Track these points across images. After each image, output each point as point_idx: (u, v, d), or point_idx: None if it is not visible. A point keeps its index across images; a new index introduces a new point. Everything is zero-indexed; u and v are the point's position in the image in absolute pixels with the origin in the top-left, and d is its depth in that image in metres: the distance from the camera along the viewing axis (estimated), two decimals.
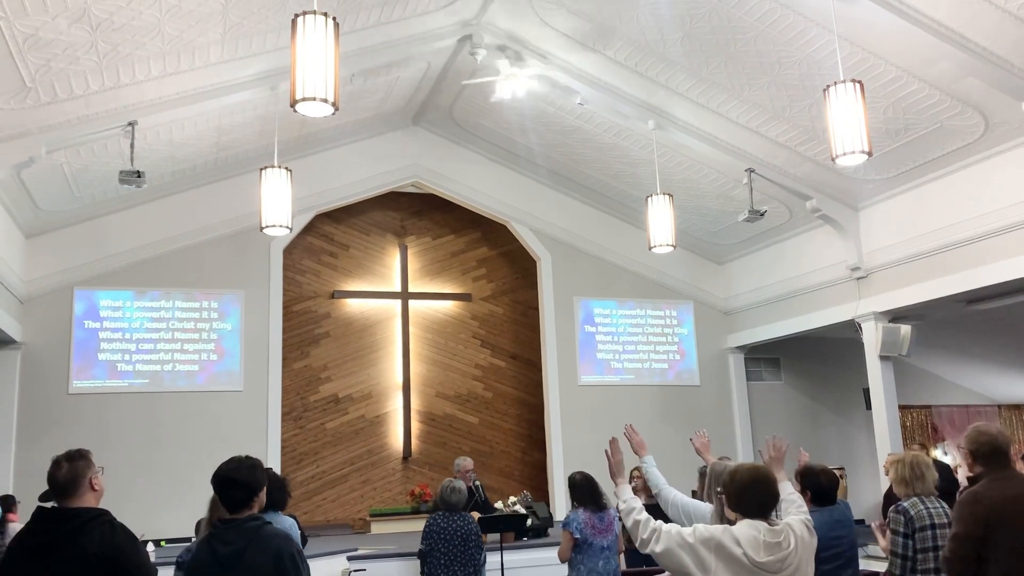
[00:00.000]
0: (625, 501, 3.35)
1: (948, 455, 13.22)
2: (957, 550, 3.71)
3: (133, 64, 7.02)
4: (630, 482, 7.28)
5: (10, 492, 8.61)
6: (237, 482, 3.30)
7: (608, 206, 11.73)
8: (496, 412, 11.93)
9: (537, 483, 11.47)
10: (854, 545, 4.72)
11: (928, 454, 8.37)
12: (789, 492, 3.44)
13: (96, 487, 3.18)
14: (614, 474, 3.60)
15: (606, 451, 3.76)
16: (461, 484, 6.24)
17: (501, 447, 11.86)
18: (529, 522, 8.20)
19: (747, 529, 3.04)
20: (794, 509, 3.32)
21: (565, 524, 5.76)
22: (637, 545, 3.22)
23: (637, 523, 3.20)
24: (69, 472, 3.11)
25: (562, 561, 5.82)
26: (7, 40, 6.14)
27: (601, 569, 5.62)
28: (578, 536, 5.63)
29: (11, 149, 7.24)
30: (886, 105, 7.73)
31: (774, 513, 3.18)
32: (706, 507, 3.91)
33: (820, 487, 4.60)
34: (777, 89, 8.09)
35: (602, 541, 5.67)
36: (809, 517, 3.28)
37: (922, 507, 4.32)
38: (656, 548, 3.09)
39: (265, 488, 3.45)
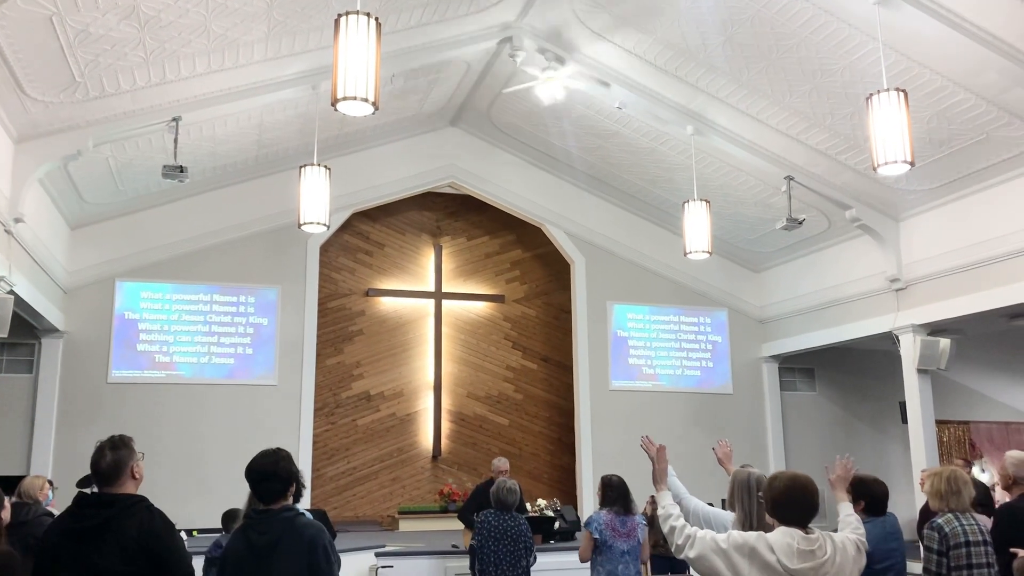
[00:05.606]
0: (664, 507, 3.41)
1: (986, 472, 12.96)
2: None
3: (179, 61, 7.15)
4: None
5: (49, 476, 8.80)
6: (277, 474, 3.40)
7: (644, 211, 11.68)
8: (526, 414, 11.94)
9: (565, 487, 11.46)
10: (904, 557, 4.65)
11: (970, 470, 8.20)
12: (847, 513, 3.43)
13: (136, 475, 3.25)
14: (656, 480, 3.64)
15: (642, 445, 3.91)
16: (515, 484, 6.23)
17: (530, 449, 11.85)
18: (556, 525, 8.20)
19: (782, 536, 3.05)
20: (850, 530, 3.30)
21: (586, 524, 5.81)
22: (672, 550, 3.25)
23: (673, 529, 3.26)
24: (113, 460, 3.19)
25: (582, 561, 5.85)
26: (59, 35, 6.28)
27: (620, 573, 5.63)
28: (597, 536, 5.66)
29: (60, 142, 7.42)
30: (930, 115, 7.61)
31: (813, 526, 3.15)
32: (727, 515, 3.89)
33: (874, 497, 4.53)
34: (819, 96, 8.00)
35: (622, 545, 5.67)
36: (864, 539, 3.25)
37: (957, 524, 4.25)
38: (690, 554, 3.14)
39: (296, 479, 3.52)
